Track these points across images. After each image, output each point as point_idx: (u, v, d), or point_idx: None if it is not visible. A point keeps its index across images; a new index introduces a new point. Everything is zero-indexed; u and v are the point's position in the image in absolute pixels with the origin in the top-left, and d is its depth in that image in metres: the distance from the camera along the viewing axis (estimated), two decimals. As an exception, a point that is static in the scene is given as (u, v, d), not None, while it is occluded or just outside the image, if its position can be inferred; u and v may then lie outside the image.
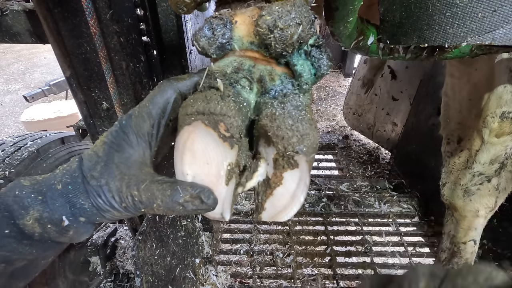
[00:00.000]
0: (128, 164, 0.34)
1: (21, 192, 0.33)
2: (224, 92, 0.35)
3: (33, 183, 0.34)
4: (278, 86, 0.36)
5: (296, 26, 0.33)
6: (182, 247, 1.10)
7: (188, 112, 0.34)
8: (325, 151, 2.33)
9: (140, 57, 0.80)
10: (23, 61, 5.73)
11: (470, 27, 0.44)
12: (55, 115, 2.82)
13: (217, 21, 0.36)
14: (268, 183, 0.36)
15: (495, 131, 0.86)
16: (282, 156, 0.34)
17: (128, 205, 0.33)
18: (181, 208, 0.32)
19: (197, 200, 0.32)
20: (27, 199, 0.33)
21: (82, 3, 0.61)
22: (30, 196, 0.33)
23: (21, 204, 0.33)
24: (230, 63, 0.37)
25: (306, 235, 1.55)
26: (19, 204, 0.33)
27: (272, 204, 0.36)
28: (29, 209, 0.33)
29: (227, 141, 0.33)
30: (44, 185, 0.34)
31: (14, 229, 0.32)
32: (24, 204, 0.33)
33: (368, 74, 2.04)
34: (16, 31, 0.77)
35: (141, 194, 0.32)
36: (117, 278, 1.23)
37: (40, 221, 0.33)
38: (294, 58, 0.36)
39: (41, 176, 0.35)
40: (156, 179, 0.33)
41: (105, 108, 0.83)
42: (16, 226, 0.32)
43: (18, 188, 0.33)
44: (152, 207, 0.33)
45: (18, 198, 0.33)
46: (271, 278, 1.34)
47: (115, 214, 0.35)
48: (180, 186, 0.32)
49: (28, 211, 0.32)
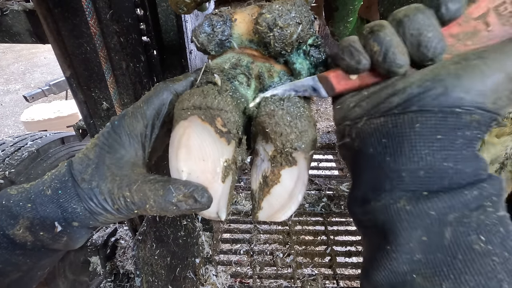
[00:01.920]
0: (119, 165, 0.33)
1: (8, 202, 0.32)
2: (221, 87, 0.34)
3: (21, 191, 0.33)
4: (276, 83, 0.36)
5: (296, 25, 0.33)
6: (182, 247, 1.10)
7: (184, 107, 0.33)
8: (325, 151, 2.33)
9: (140, 57, 0.80)
10: (23, 61, 5.73)
11: (470, 27, 0.44)
12: (55, 115, 2.82)
13: (217, 18, 0.36)
14: (265, 181, 0.35)
15: (495, 131, 0.86)
16: (280, 153, 0.33)
17: (121, 206, 0.32)
18: (175, 208, 0.31)
19: (191, 199, 0.31)
20: (15, 208, 0.32)
21: (82, 3, 0.61)
22: (18, 205, 0.32)
23: (9, 214, 0.32)
24: (228, 59, 0.37)
25: (306, 235, 1.55)
26: (6, 214, 0.32)
27: (269, 203, 0.35)
28: (18, 218, 0.31)
29: (224, 137, 0.32)
30: (33, 192, 0.33)
31: (5, 240, 0.31)
32: (13, 213, 0.32)
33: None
34: (16, 31, 0.77)
35: (133, 195, 0.32)
36: (117, 278, 1.23)
37: (31, 229, 0.32)
38: (293, 57, 0.36)
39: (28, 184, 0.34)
40: (148, 179, 0.32)
41: (105, 108, 0.83)
42: (6, 236, 0.31)
43: (5, 198, 0.32)
44: (144, 208, 0.32)
45: (5, 208, 0.32)
46: (271, 278, 1.34)
47: (108, 217, 0.34)
48: (173, 185, 0.31)
49: (17, 220, 0.31)
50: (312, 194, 1.70)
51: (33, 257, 0.34)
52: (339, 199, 1.68)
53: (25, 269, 0.34)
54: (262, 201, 0.36)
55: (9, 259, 0.32)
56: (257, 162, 0.36)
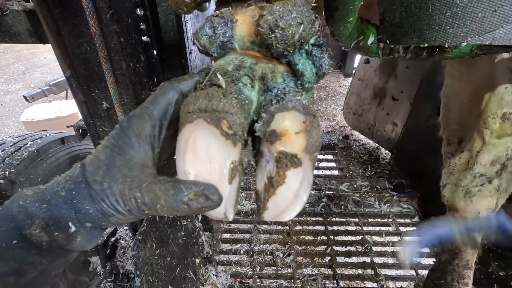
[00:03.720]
0: (130, 167, 0.34)
1: (25, 202, 0.33)
2: (226, 89, 0.34)
3: (36, 192, 0.34)
4: (280, 84, 0.36)
5: (297, 25, 0.33)
6: (182, 247, 1.10)
7: (190, 110, 0.33)
8: (325, 151, 2.33)
9: (140, 57, 0.80)
10: (23, 61, 5.73)
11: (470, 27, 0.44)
12: (55, 115, 2.82)
13: (218, 19, 0.36)
14: (271, 182, 0.35)
15: (496, 132, 0.86)
16: (285, 155, 0.34)
17: (132, 207, 0.33)
18: (186, 207, 0.32)
19: (202, 198, 0.31)
20: (32, 208, 0.32)
21: (82, 3, 0.61)
22: (34, 205, 0.33)
23: (26, 214, 0.32)
24: (232, 61, 0.37)
25: (306, 235, 1.55)
26: (24, 214, 0.32)
27: (274, 204, 0.35)
28: (34, 218, 0.32)
29: (230, 139, 0.33)
30: (48, 193, 0.34)
31: (22, 240, 0.32)
32: (29, 213, 0.32)
33: (379, 82, 1.96)
34: (16, 31, 0.77)
35: (144, 195, 0.32)
36: (117, 278, 1.23)
37: (46, 229, 0.32)
38: (295, 57, 0.36)
39: (43, 185, 0.35)
40: (158, 180, 0.33)
41: (105, 108, 0.83)
42: (23, 236, 0.32)
43: (22, 199, 0.33)
44: (155, 208, 0.32)
45: (22, 209, 0.32)
46: (271, 278, 1.34)
47: (120, 218, 0.34)
48: (184, 185, 0.32)
49: (33, 220, 0.32)
50: (312, 194, 1.70)
51: (48, 256, 0.34)
52: (339, 199, 1.68)
53: (41, 268, 0.35)
54: (268, 201, 0.36)
55: (26, 258, 0.33)
56: (262, 163, 0.37)
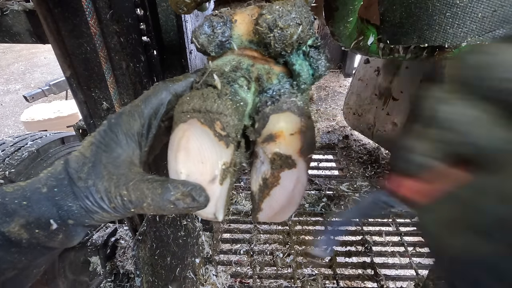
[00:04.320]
0: (116, 164, 0.33)
1: (3, 199, 0.32)
2: (221, 91, 0.34)
3: (16, 189, 0.33)
4: (275, 85, 0.36)
5: (296, 26, 0.33)
6: (182, 247, 1.10)
7: (184, 110, 0.33)
8: (325, 151, 2.33)
9: (140, 57, 0.80)
10: (23, 61, 5.73)
11: (470, 27, 0.44)
12: (55, 115, 2.82)
13: (217, 19, 0.36)
14: (265, 183, 0.35)
15: None
16: (280, 156, 0.34)
17: (117, 205, 0.32)
18: (172, 207, 0.31)
19: (189, 198, 0.31)
20: (11, 205, 0.32)
21: (82, 3, 0.61)
22: (13, 202, 0.32)
23: (5, 211, 0.31)
24: (229, 62, 0.37)
25: (306, 235, 1.55)
26: (2, 211, 0.31)
27: (269, 205, 0.36)
28: (13, 215, 0.31)
29: (222, 140, 0.33)
30: (28, 189, 0.33)
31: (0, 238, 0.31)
32: (8, 210, 0.31)
33: (383, 82, 1.94)
34: (16, 31, 0.77)
35: (131, 193, 0.31)
36: (117, 278, 1.23)
37: (26, 226, 0.31)
38: (292, 58, 0.36)
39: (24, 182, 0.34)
40: (145, 178, 0.32)
41: (105, 108, 0.83)
42: (1, 234, 0.31)
43: (1, 196, 0.32)
44: (142, 207, 0.32)
45: (0, 206, 0.32)
46: (271, 278, 1.34)
47: (104, 215, 0.34)
48: (171, 184, 0.31)
49: (13, 217, 0.31)
50: (312, 194, 1.70)
51: (28, 255, 0.34)
52: (339, 199, 1.68)
53: (21, 267, 0.34)
54: (262, 202, 0.36)
55: (5, 257, 0.32)
56: (257, 164, 0.37)
